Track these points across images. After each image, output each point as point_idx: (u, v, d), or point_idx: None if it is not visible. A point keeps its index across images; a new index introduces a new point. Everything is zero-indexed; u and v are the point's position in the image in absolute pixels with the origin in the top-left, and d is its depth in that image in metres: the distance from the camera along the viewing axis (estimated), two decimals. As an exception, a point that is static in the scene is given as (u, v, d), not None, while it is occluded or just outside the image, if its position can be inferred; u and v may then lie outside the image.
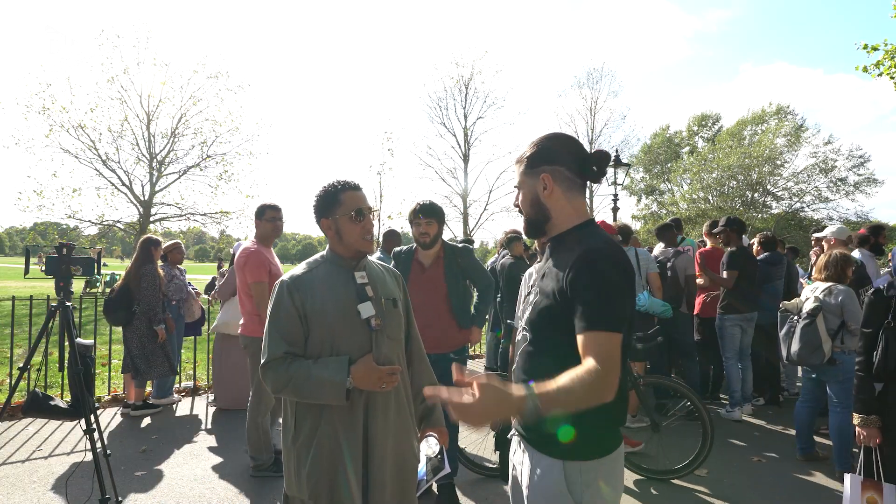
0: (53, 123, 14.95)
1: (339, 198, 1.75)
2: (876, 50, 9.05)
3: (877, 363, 2.24)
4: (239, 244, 5.30)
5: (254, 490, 3.34)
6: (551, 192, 1.38)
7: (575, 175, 1.39)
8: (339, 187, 1.76)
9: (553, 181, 1.37)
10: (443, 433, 1.84)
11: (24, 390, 4.78)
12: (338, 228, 1.76)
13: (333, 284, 1.75)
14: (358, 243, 1.76)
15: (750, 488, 3.45)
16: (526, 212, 1.45)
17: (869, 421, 2.25)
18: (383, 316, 1.76)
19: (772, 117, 26.44)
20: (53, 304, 2.82)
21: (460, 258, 3.24)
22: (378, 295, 1.79)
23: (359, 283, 1.77)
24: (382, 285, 1.83)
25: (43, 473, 3.50)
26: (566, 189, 1.38)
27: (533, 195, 1.41)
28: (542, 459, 1.33)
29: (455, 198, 23.38)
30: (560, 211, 1.39)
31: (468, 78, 23.22)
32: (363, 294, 1.75)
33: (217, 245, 19.47)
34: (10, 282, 22.40)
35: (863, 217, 23.80)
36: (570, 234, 1.37)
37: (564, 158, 1.39)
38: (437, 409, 1.92)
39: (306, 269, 1.80)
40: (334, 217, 1.75)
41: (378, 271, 1.88)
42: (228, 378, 4.99)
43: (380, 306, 1.77)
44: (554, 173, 1.38)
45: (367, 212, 1.77)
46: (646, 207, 30.99)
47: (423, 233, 3.13)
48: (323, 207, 1.78)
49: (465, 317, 3.24)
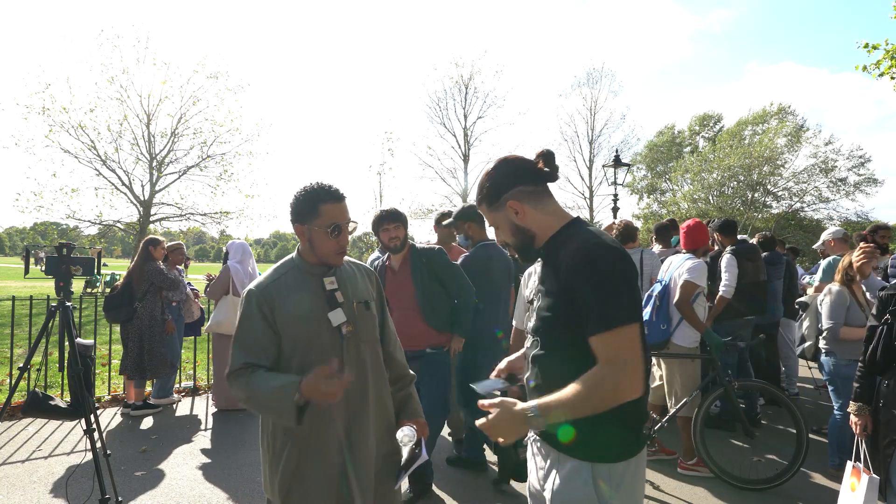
0: (53, 123, 14.96)
1: (317, 208, 1.64)
2: (876, 49, 9.02)
3: (868, 356, 2.33)
4: (231, 243, 5.28)
5: (254, 490, 3.34)
6: (524, 213, 1.39)
7: (535, 185, 1.40)
8: (320, 196, 1.65)
9: (520, 203, 1.38)
10: (420, 424, 1.79)
11: (24, 390, 4.78)
12: (311, 238, 1.68)
13: (302, 292, 1.68)
14: (329, 257, 1.69)
15: (749, 490, 3.44)
16: (512, 242, 1.46)
17: (860, 409, 2.35)
18: (355, 321, 1.71)
19: (773, 117, 26.44)
20: (53, 304, 2.82)
21: (428, 260, 3.25)
22: (349, 299, 1.73)
23: (328, 289, 1.70)
24: (354, 287, 1.77)
25: (43, 473, 3.50)
26: (535, 203, 1.39)
27: (510, 225, 1.42)
28: (568, 461, 1.31)
29: (455, 198, 23.39)
30: (540, 225, 1.39)
31: (468, 78, 23.24)
32: (333, 301, 1.70)
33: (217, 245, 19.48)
34: (10, 282, 22.40)
35: (863, 217, 23.79)
36: (557, 237, 1.37)
37: (517, 178, 1.40)
38: (413, 400, 1.89)
39: (274, 276, 1.72)
40: (309, 225, 1.66)
41: (350, 272, 1.81)
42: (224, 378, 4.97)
43: (351, 311, 1.71)
44: (516, 195, 1.39)
45: (345, 228, 1.67)
46: (647, 207, 30.97)
47: (393, 237, 3.19)
48: (299, 212, 1.68)
49: (436, 317, 3.24)
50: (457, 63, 23.32)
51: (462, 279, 3.30)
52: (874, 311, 2.36)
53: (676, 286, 3.65)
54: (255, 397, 1.56)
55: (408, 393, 1.90)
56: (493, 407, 1.28)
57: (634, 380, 1.19)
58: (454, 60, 23.57)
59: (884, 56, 8.95)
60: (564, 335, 1.29)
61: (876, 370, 2.31)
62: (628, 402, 1.24)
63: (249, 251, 5.37)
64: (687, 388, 3.69)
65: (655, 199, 30.92)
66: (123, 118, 15.85)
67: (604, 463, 1.27)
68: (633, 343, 1.20)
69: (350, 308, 1.72)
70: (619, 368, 1.18)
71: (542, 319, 1.35)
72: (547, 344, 1.34)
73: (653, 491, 3.44)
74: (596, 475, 1.26)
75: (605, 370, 1.19)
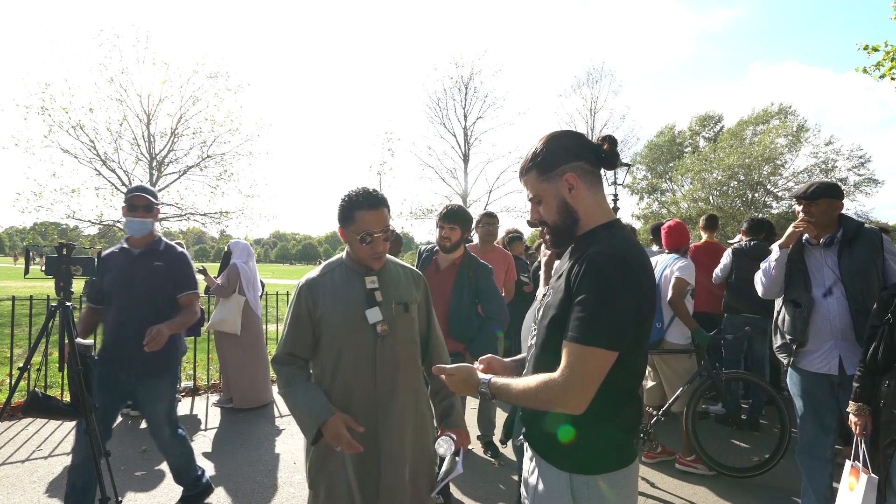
0: (53, 123, 14.94)
1: (353, 214, 1.75)
2: (876, 51, 9.00)
3: (869, 355, 2.31)
4: (235, 243, 5.30)
5: (254, 490, 3.34)
6: (578, 192, 1.26)
7: (594, 167, 1.29)
8: (356, 203, 1.74)
9: (578, 179, 1.26)
10: (461, 433, 1.82)
11: (24, 390, 4.78)
12: (349, 241, 1.80)
13: (345, 289, 1.78)
14: (365, 261, 1.79)
15: (750, 488, 3.45)
16: (553, 220, 1.30)
17: (860, 409, 2.33)
18: (391, 321, 1.77)
19: (774, 117, 26.45)
20: (53, 304, 2.82)
21: (475, 274, 3.21)
22: (388, 300, 1.79)
23: (368, 287, 1.78)
24: (395, 289, 1.83)
25: (43, 473, 3.50)
26: (590, 185, 1.28)
27: (559, 200, 1.28)
28: (549, 470, 1.26)
29: (455, 198, 23.35)
30: (587, 211, 1.27)
31: (468, 78, 23.17)
32: (372, 300, 1.77)
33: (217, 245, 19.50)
34: (10, 282, 22.37)
35: (863, 217, 23.79)
36: (592, 234, 1.27)
37: (580, 152, 1.27)
38: (455, 409, 1.92)
39: (323, 271, 1.85)
40: (347, 230, 1.78)
41: (394, 274, 1.88)
42: (238, 377, 4.99)
43: (389, 311, 1.77)
44: (577, 170, 1.26)
45: (378, 235, 1.74)
46: (647, 207, 30.96)
47: (445, 237, 3.18)
48: (340, 217, 1.79)
49: (458, 329, 3.18)
50: (457, 63, 23.27)
51: (501, 306, 3.25)
52: (875, 310, 2.36)
53: (668, 284, 3.69)
54: (288, 401, 1.76)
55: (450, 403, 1.93)
56: (455, 369, 1.37)
57: (573, 402, 1.14)
58: (454, 60, 23.49)
59: (884, 57, 8.94)
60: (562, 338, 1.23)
61: (877, 370, 2.30)
62: (618, 410, 1.21)
63: (251, 251, 5.40)
64: (683, 384, 3.74)
65: (656, 199, 30.90)
66: (123, 118, 15.82)
67: (582, 474, 1.21)
68: (596, 370, 1.13)
69: (388, 308, 1.78)
70: (567, 386, 1.13)
71: (544, 314, 1.30)
72: (547, 341, 1.28)
73: (652, 489, 3.44)
74: (575, 486, 1.21)
75: (556, 379, 1.15)
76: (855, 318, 2.54)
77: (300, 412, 1.71)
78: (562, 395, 1.14)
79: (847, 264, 2.59)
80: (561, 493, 1.22)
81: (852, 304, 2.56)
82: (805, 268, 2.72)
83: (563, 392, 1.14)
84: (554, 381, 1.16)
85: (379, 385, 1.74)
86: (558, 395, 1.14)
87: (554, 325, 1.24)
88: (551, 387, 1.16)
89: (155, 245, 2.87)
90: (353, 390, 1.74)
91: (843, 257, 2.61)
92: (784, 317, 2.78)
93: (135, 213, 2.80)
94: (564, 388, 1.14)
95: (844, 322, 2.57)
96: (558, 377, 1.15)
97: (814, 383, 2.68)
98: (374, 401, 1.73)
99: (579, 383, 1.13)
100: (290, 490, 3.35)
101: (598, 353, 1.12)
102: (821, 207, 2.65)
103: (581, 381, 1.13)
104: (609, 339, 1.13)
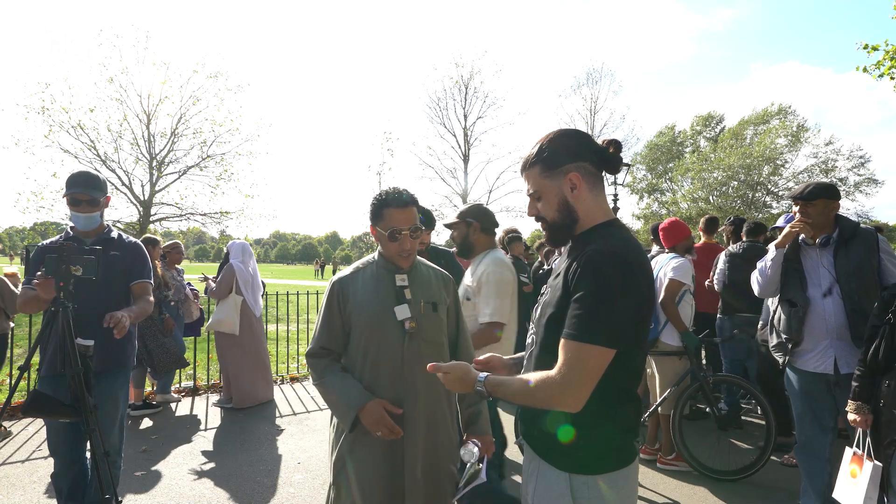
0: (53, 123, 14.94)
1: (382, 212, 1.77)
2: (876, 50, 9.01)
3: (869, 355, 2.30)
4: (232, 243, 5.29)
5: (254, 490, 3.34)
6: (580, 191, 1.28)
7: (597, 169, 1.31)
8: (386, 201, 1.77)
9: (581, 179, 1.27)
10: (486, 441, 1.82)
11: (24, 390, 4.78)
12: (379, 239, 1.83)
13: (375, 286, 1.81)
14: (394, 259, 1.82)
15: (749, 488, 3.45)
16: (551, 218, 1.32)
17: (860, 408, 2.34)
18: (419, 319, 1.79)
19: (774, 117, 26.47)
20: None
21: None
22: (417, 298, 1.81)
23: (398, 285, 1.81)
24: (426, 289, 1.85)
25: (43, 473, 3.49)
26: (592, 186, 1.29)
27: (560, 198, 1.29)
28: (548, 470, 1.26)
29: (455, 198, 23.36)
30: (587, 211, 1.29)
31: (468, 78, 23.18)
32: (401, 296, 1.79)
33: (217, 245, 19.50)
34: (10, 282, 22.36)
35: (863, 217, 23.81)
36: (593, 231, 1.28)
37: (585, 153, 1.29)
38: (482, 417, 1.92)
39: (356, 269, 1.88)
40: (377, 227, 1.81)
41: (425, 275, 1.90)
42: (238, 377, 5.00)
43: (417, 309, 1.79)
44: (581, 170, 1.28)
45: (406, 232, 1.76)
46: (647, 207, 30.97)
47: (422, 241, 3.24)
48: (372, 214, 1.82)
49: None
50: (457, 63, 23.28)
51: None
52: (875, 310, 2.36)
53: (662, 285, 3.67)
54: (324, 392, 1.80)
55: (477, 409, 1.93)
56: (451, 367, 1.36)
57: (571, 400, 1.14)
58: (454, 60, 23.50)
59: (884, 56, 8.94)
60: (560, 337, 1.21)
61: (877, 370, 2.29)
62: (617, 409, 1.21)
63: (251, 251, 5.39)
64: (671, 385, 3.74)
65: (656, 199, 30.92)
66: (123, 118, 15.82)
67: (581, 474, 1.21)
68: (593, 367, 1.12)
69: (416, 306, 1.80)
70: (564, 383, 1.13)
71: (541, 313, 1.31)
72: (545, 340, 1.28)
73: (652, 490, 3.44)
74: (574, 487, 1.21)
75: (554, 377, 1.15)
76: (850, 317, 2.55)
77: (336, 400, 1.73)
78: (559, 392, 1.14)
79: (843, 264, 2.60)
80: (561, 493, 1.22)
81: (848, 304, 2.57)
82: (801, 268, 2.74)
83: (561, 389, 1.14)
84: (551, 378, 1.16)
85: (405, 382, 1.75)
86: (556, 392, 1.14)
87: (552, 323, 1.24)
88: (548, 384, 1.16)
89: (106, 234, 2.67)
90: (378, 386, 1.75)
91: (839, 257, 2.63)
92: (780, 316, 2.80)
93: (78, 207, 2.56)
94: (562, 385, 1.14)
95: (840, 322, 2.58)
96: (556, 374, 1.15)
97: (810, 382, 2.70)
98: (399, 397, 1.74)
99: (577, 381, 1.13)
100: (290, 490, 3.35)
101: (595, 350, 1.12)
102: (817, 208, 2.66)
103: (578, 379, 1.13)
104: (607, 336, 1.13)
